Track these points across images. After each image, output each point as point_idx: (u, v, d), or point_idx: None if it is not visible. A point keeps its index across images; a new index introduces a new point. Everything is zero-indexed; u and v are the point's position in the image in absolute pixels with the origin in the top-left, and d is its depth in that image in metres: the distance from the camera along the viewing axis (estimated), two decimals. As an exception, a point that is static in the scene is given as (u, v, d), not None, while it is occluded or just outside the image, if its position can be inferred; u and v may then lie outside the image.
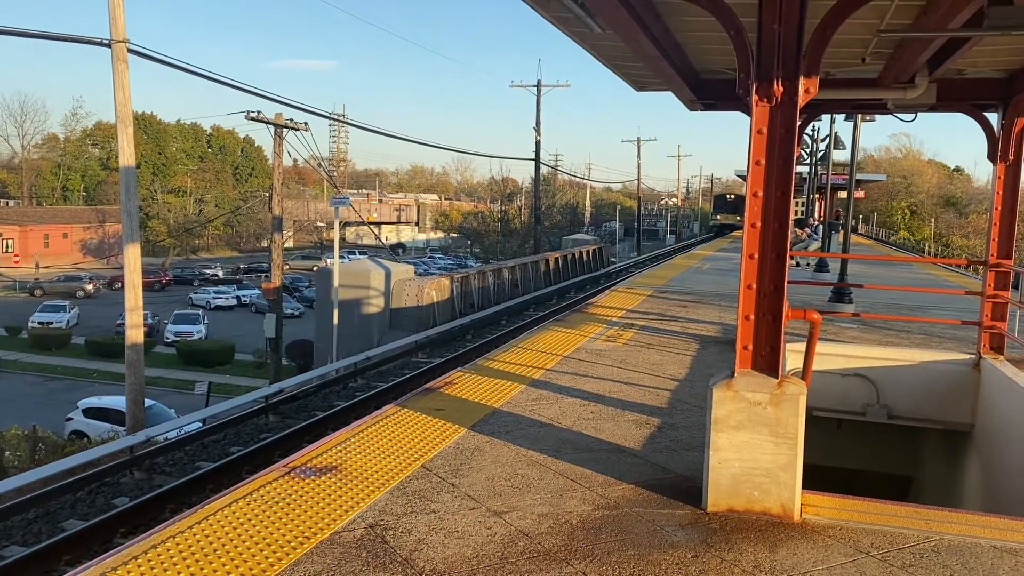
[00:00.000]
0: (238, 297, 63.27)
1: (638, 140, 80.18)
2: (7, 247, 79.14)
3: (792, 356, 9.26)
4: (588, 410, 7.29)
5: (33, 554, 9.77)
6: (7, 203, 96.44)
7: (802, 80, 4.66)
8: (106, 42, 16.45)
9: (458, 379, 8.39)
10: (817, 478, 6.03)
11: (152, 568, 4.09)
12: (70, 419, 24.92)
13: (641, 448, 6.23)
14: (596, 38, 8.15)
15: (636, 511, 4.97)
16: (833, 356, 10.03)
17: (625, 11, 6.09)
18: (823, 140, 29.44)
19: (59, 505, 11.78)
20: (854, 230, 45.98)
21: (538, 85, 47.73)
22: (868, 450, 11.23)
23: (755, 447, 4.78)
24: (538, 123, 47.34)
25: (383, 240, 53.47)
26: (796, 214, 44.66)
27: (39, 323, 49.83)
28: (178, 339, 46.06)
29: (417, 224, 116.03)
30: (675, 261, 26.56)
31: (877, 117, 19.26)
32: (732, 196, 68.21)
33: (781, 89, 4.65)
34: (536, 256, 40.92)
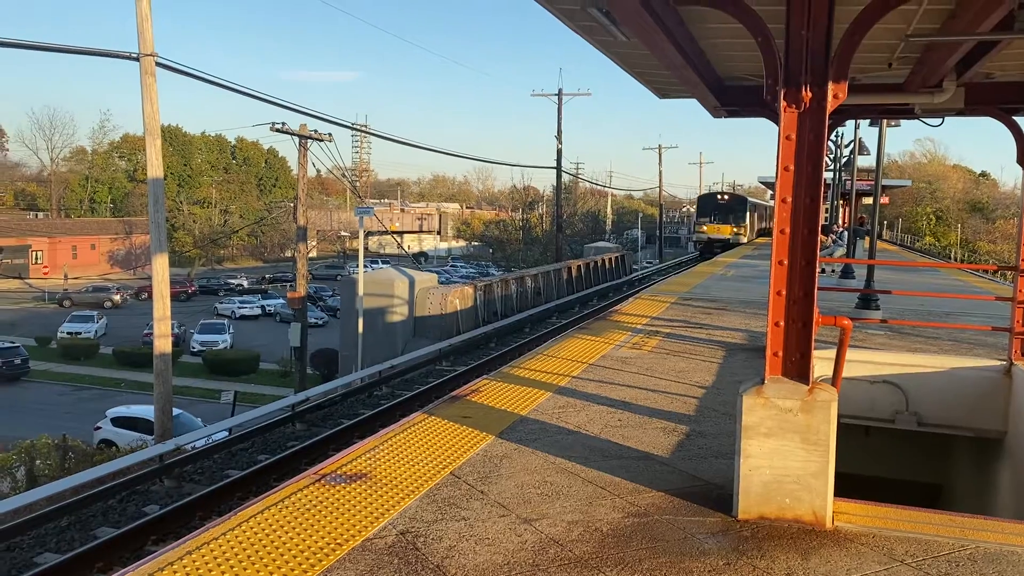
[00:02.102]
0: (263, 307, 63.79)
1: (659, 147, 79.96)
2: (37, 259, 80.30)
3: (820, 363, 9.16)
4: (615, 417, 7.28)
5: (66, 561, 9.90)
6: (36, 215, 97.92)
7: (831, 85, 4.65)
8: (135, 56, 16.69)
9: (484, 387, 8.41)
10: (847, 486, 5.98)
11: (187, 574, 4.14)
12: (99, 428, 25.20)
13: (670, 455, 6.22)
14: (620, 46, 8.17)
15: (666, 518, 4.96)
16: (861, 363, 9.94)
17: (650, 19, 6.11)
18: (847, 146, 29.22)
19: (91, 513, 11.92)
20: (879, 236, 45.01)
21: (559, 94, 47.80)
22: (897, 458, 11.11)
23: (786, 454, 4.76)
24: (559, 132, 47.40)
25: (406, 249, 53.69)
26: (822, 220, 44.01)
27: (68, 333, 50.49)
28: (204, 349, 46.50)
29: (439, 233, 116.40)
30: (698, 268, 26.43)
31: (902, 122, 19.10)
32: (726, 197, 52.94)
33: (810, 95, 4.65)
34: (558, 264, 40.89)
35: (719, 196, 53.02)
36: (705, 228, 50.06)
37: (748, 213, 50.90)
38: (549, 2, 6.75)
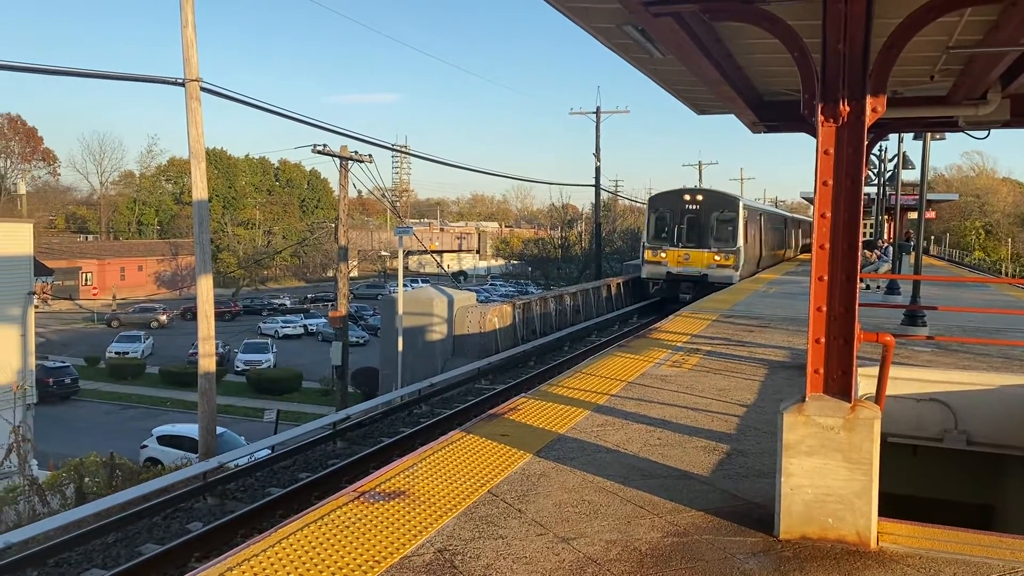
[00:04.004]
0: (305, 326, 64.51)
1: (699, 164, 79.57)
2: (87, 280, 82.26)
3: (864, 381, 9.02)
4: (655, 436, 7.22)
5: (112, 577, 10.07)
6: (86, 238, 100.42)
7: (869, 99, 4.61)
8: (180, 81, 17.11)
9: (522, 405, 8.40)
10: (892, 506, 5.86)
11: (228, 590, 4.19)
12: (145, 446, 25.65)
13: (710, 474, 6.14)
14: (657, 63, 8.18)
15: (706, 538, 4.90)
16: (907, 380, 9.74)
17: (686, 36, 6.11)
18: (891, 160, 28.79)
19: (136, 530, 12.10)
20: (925, 251, 43.96)
21: (597, 112, 47.81)
22: (946, 477, 10.84)
23: (828, 473, 4.68)
24: (598, 149, 47.39)
25: (445, 268, 53.93)
26: (865, 236, 42.68)
27: (116, 353, 51.53)
28: (248, 368, 47.12)
29: (478, 252, 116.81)
30: (740, 285, 26.18)
31: (947, 135, 18.78)
32: (699, 198, 32.01)
33: (848, 109, 4.60)
34: (598, 282, 40.73)
35: (687, 197, 31.65)
36: (664, 255, 30.64)
37: (743, 228, 31.04)
38: (585, 21, 6.79)
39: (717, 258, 30.17)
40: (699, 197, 31.77)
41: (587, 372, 10.28)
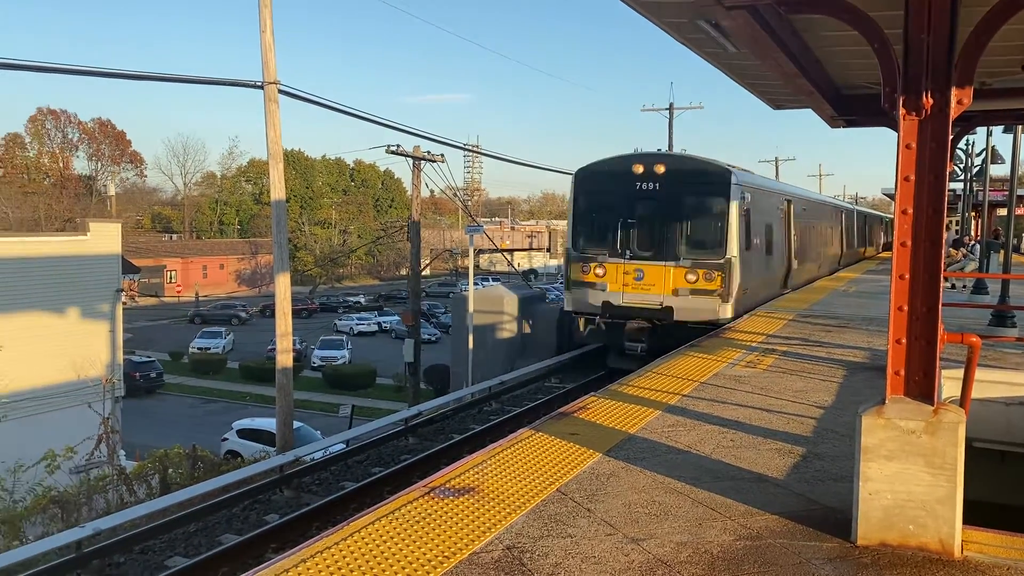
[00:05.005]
0: (379, 323, 65.61)
1: (776, 160, 77.78)
2: (171, 278, 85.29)
3: (948, 384, 8.70)
4: (727, 438, 7.10)
5: (194, 565, 10.40)
6: (171, 237, 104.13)
7: (954, 91, 4.43)
8: (259, 84, 17.55)
9: (592, 404, 8.37)
10: (979, 514, 5.63)
11: (302, 581, 4.28)
12: (225, 439, 26.45)
13: (784, 478, 6.01)
14: (730, 57, 8.04)
15: (780, 542, 4.79)
16: (995, 384, 9.35)
17: (761, 29, 5.99)
18: (979, 154, 27.67)
19: (216, 520, 12.46)
20: (1015, 249, 41.85)
21: (670, 108, 47.21)
22: None
23: (909, 478, 4.52)
24: (670, 145, 46.83)
25: (515, 267, 54.07)
26: (951, 233, 40.90)
27: (198, 349, 53.28)
28: (324, 364, 48.15)
29: (548, 250, 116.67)
30: (818, 284, 25.49)
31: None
32: (655, 174, 17.65)
33: (931, 101, 4.44)
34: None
35: (638, 168, 18.06)
36: (601, 272, 18.20)
37: (738, 224, 17.53)
38: (657, 16, 6.71)
39: (690, 278, 16.91)
40: (659, 169, 17.57)
41: (658, 372, 10.17)
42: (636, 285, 17.48)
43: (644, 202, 17.76)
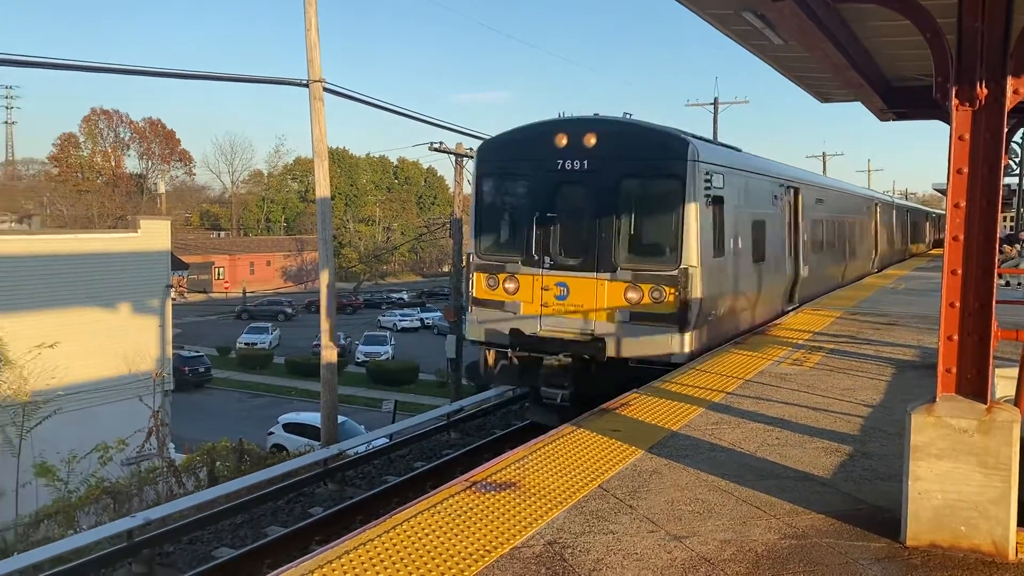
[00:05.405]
0: (422, 319, 66.06)
1: (823, 155, 76.52)
2: (219, 274, 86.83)
3: (1002, 383, 8.47)
4: (772, 435, 7.01)
5: (240, 556, 10.58)
6: (219, 234, 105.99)
7: (1010, 80, 4.31)
8: (304, 82, 17.76)
9: (633, 401, 8.32)
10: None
11: (346, 572, 4.32)
12: (271, 433, 26.87)
13: (831, 476, 5.91)
14: (777, 49, 7.92)
15: (826, 542, 4.71)
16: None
17: (809, 20, 5.89)
18: (1035, 147, 26.87)
19: (261, 512, 12.67)
20: (1075, 245, 40.36)
21: (715, 103, 46.61)
22: None
23: (960, 478, 4.41)
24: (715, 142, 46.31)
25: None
26: (1004, 229, 39.59)
27: (245, 344, 54.15)
28: (368, 359, 48.62)
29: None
30: (867, 281, 25.02)
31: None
32: (587, 147, 12.16)
33: (985, 91, 4.32)
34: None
35: (562, 140, 12.43)
36: (511, 287, 12.89)
37: (697, 217, 11.83)
38: (700, 8, 6.64)
39: (631, 296, 12.13)
40: (590, 140, 12.44)
41: (701, 369, 10.07)
42: (559, 306, 12.38)
43: (570, 188, 12.54)
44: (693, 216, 11.71)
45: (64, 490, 15.37)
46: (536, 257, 12.51)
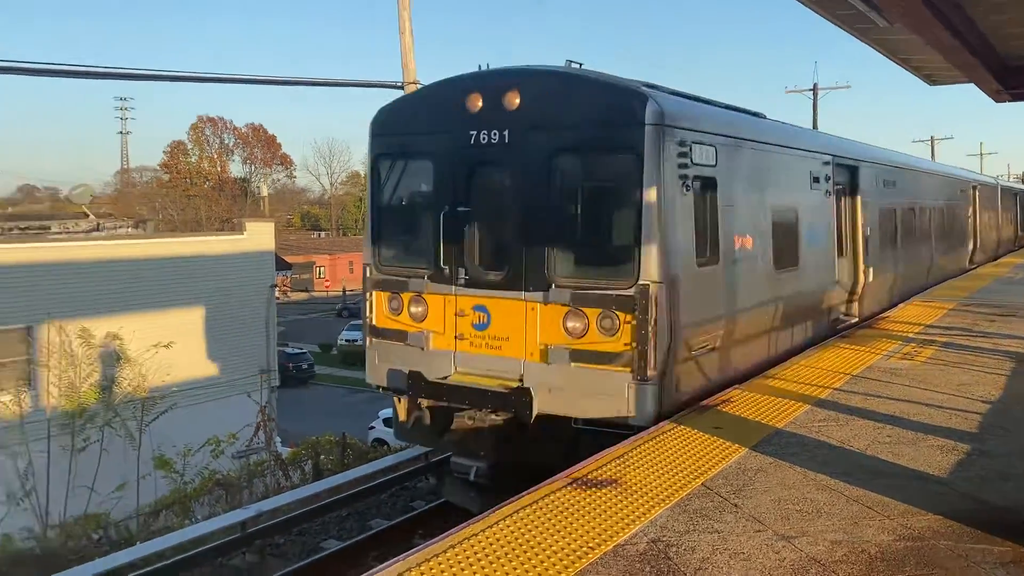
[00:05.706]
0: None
1: (931, 139, 73.12)
2: (320, 274, 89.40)
3: None
4: (883, 433, 6.76)
5: (347, 547, 10.89)
6: (319, 235, 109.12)
7: None
8: (399, 84, 18.08)
9: (735, 397, 8.15)
10: None
11: (451, 566, 4.40)
12: (372, 427, 27.50)
13: (947, 476, 5.66)
14: (881, 32, 7.63)
15: (944, 544, 4.52)
16: None
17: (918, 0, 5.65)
18: None
19: (365, 505, 12.98)
20: None
21: (814, 89, 45.20)
22: None
23: (1093, 480, 4.13)
24: (815, 128, 44.90)
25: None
26: None
27: (346, 341, 55.48)
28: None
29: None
30: (980, 271, 23.82)
31: None
32: (505, 112, 8.48)
33: (1116, 68, 4.05)
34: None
35: (476, 103, 8.74)
36: (422, 310, 9.28)
37: (672, 216, 8.04)
38: (801, -6, 6.45)
39: (571, 326, 8.22)
40: (513, 101, 8.54)
41: (805, 364, 9.79)
42: (477, 338, 8.86)
43: (488, 170, 9.02)
44: (656, 207, 7.86)
45: (180, 481, 16.13)
46: (446, 270, 8.96)
